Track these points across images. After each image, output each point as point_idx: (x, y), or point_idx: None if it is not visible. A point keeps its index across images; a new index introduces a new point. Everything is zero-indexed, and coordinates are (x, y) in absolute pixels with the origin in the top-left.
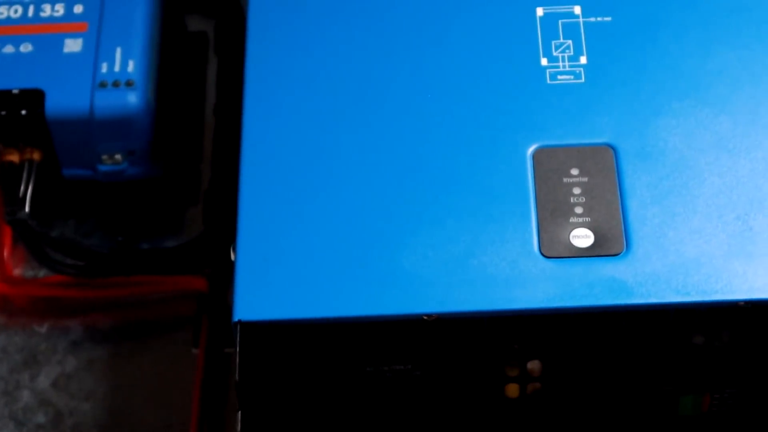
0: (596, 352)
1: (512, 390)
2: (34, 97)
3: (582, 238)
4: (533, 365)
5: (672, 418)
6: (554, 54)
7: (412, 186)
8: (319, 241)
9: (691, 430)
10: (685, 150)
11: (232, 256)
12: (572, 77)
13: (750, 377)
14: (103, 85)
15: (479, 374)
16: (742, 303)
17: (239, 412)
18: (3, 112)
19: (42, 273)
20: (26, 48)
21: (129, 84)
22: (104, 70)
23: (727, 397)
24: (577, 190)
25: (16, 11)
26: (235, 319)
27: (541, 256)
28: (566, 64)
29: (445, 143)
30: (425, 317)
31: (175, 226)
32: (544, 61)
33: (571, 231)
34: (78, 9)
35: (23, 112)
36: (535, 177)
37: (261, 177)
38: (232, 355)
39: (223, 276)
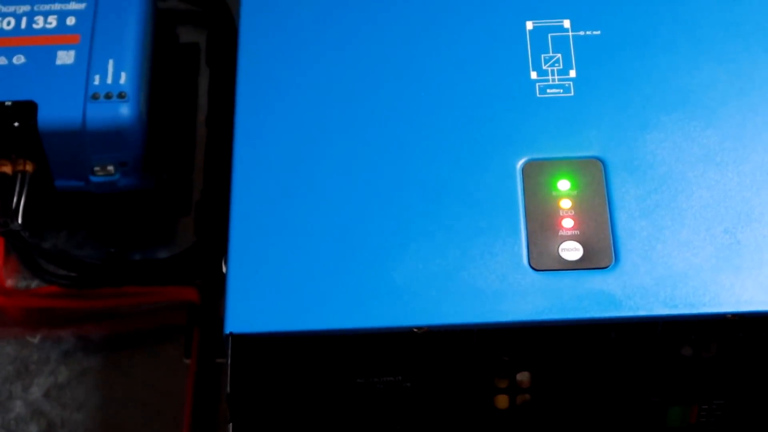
0: (585, 363)
1: (502, 401)
2: (27, 109)
3: (571, 251)
4: (523, 377)
5: (660, 430)
6: (544, 67)
7: (402, 199)
8: (310, 254)
9: None
10: (674, 163)
11: (224, 269)
12: (561, 91)
13: (737, 389)
14: (95, 97)
15: (469, 386)
16: (730, 315)
17: (230, 424)
18: None
19: (34, 284)
20: (19, 60)
21: (121, 96)
22: (96, 82)
23: (715, 408)
24: (566, 204)
25: (8, 23)
26: (227, 331)
27: (530, 269)
28: (555, 77)
29: (435, 156)
30: (415, 329)
31: (167, 237)
32: (533, 75)
33: (560, 244)
34: (70, 21)
35: (16, 123)
36: (524, 190)
37: (252, 189)
38: (224, 366)
39: (215, 287)
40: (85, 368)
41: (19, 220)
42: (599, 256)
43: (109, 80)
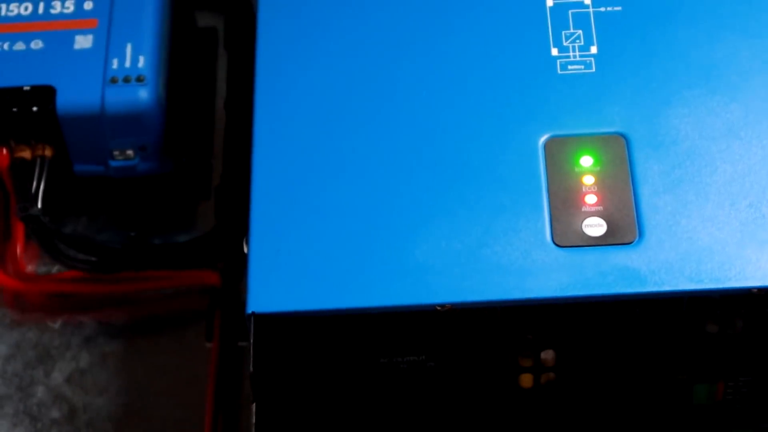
0: (610, 341)
1: (526, 380)
2: (45, 94)
3: (594, 227)
4: (547, 355)
5: (686, 407)
6: (564, 44)
7: (424, 177)
8: (332, 233)
9: (706, 418)
10: (697, 138)
11: (245, 249)
12: (583, 67)
13: (764, 365)
14: (113, 80)
15: (493, 365)
16: (756, 290)
17: (254, 404)
18: (14, 109)
19: (55, 269)
20: (37, 45)
21: (140, 80)
22: (115, 66)
23: (741, 385)
24: (589, 180)
25: (26, 8)
26: (249, 311)
27: (553, 246)
28: (577, 54)
29: (457, 134)
30: (438, 307)
31: (187, 221)
32: (554, 51)
33: (583, 220)
34: (88, 5)
35: (34, 108)
36: (546, 167)
37: (273, 170)
38: (246, 349)
39: (236, 270)
40: (106, 353)
41: (39, 205)
42: (623, 231)
43: (128, 64)
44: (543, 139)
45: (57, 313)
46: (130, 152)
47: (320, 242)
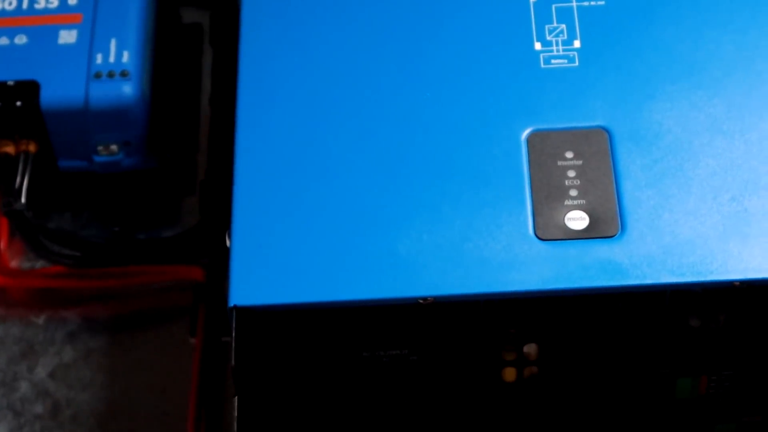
0: (592, 335)
1: (509, 374)
2: (29, 89)
3: (577, 220)
4: (530, 349)
5: (669, 401)
6: (548, 38)
7: (407, 171)
8: (314, 226)
9: (689, 412)
10: (680, 132)
11: (228, 242)
12: (566, 61)
13: (746, 359)
14: (98, 75)
15: (476, 358)
16: (738, 283)
17: (236, 397)
18: None
19: (39, 264)
20: (21, 40)
21: (124, 74)
22: (99, 61)
23: (724, 379)
24: (571, 173)
25: (10, 3)
26: (231, 304)
27: (536, 239)
28: (560, 48)
29: (440, 128)
30: (421, 301)
31: (172, 217)
32: (537, 46)
33: (565, 213)
34: (72, 0)
35: (18, 103)
36: (529, 160)
37: (256, 164)
38: (229, 343)
39: (220, 265)
40: (90, 348)
41: (23, 200)
42: (605, 225)
43: (112, 59)
44: (526, 133)
45: (41, 308)
46: (114, 147)
47: (303, 236)
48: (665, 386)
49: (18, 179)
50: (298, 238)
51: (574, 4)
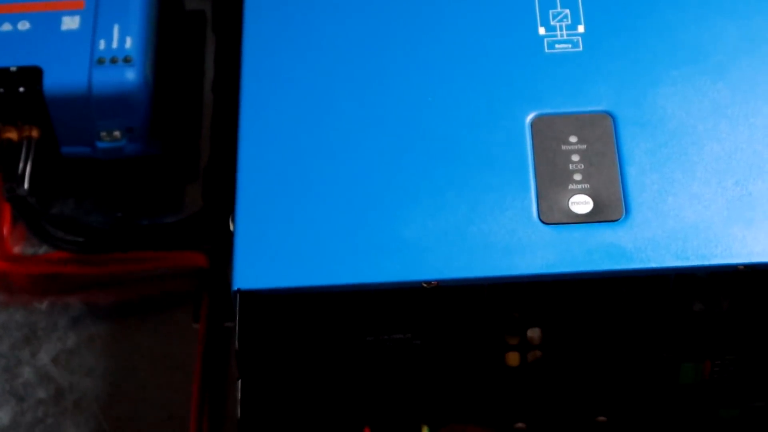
0: (596, 319)
1: (513, 358)
2: (32, 75)
3: (581, 204)
4: (533, 333)
5: (673, 386)
6: (552, 23)
7: (412, 155)
8: (318, 211)
9: (693, 397)
10: (684, 117)
11: (231, 227)
12: (570, 46)
13: (750, 344)
14: (101, 61)
15: (479, 343)
16: (742, 267)
17: (239, 380)
18: (1, 90)
19: (42, 250)
20: (24, 26)
21: (127, 60)
22: (102, 47)
23: (728, 363)
24: (575, 158)
25: None
26: (234, 288)
27: (540, 223)
28: (564, 32)
29: (444, 112)
30: (424, 284)
31: (175, 203)
32: (541, 30)
33: (570, 198)
34: None
35: (21, 89)
36: (533, 145)
37: (259, 148)
38: (233, 329)
39: (223, 251)
40: (93, 334)
41: (26, 186)
42: (610, 209)
43: (115, 45)
44: (530, 117)
45: (43, 294)
46: (117, 133)
47: (306, 220)
48: (669, 371)
49: (21, 165)
50: (302, 223)
51: None
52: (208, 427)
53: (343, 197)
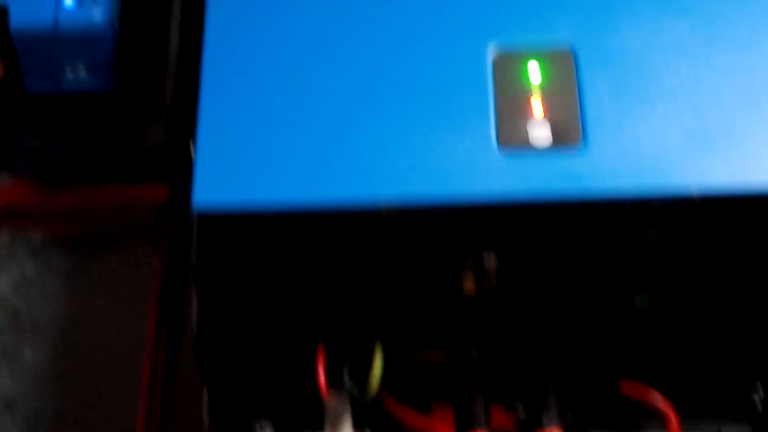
0: (553, 247)
1: (469, 286)
2: None
3: (540, 132)
4: (490, 261)
5: (628, 312)
6: None
7: (371, 83)
8: (278, 136)
9: (648, 323)
10: (645, 52)
11: (192, 151)
12: None
13: (702, 277)
14: None
15: (436, 270)
16: (697, 197)
17: (196, 299)
18: None
19: (3, 180)
20: None
21: None
22: None
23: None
24: (535, 89)
25: None
26: (194, 209)
27: (498, 150)
28: None
29: (404, 42)
30: (382, 211)
31: (138, 141)
32: None
33: (528, 126)
34: None
35: None
36: (494, 76)
37: (222, 73)
38: (191, 247)
39: (185, 184)
40: (52, 264)
41: None
42: (568, 138)
43: None
44: (491, 49)
45: (4, 224)
46: (81, 70)
47: (266, 144)
48: (624, 300)
49: None
50: (262, 147)
51: None
52: (165, 349)
53: (303, 122)
